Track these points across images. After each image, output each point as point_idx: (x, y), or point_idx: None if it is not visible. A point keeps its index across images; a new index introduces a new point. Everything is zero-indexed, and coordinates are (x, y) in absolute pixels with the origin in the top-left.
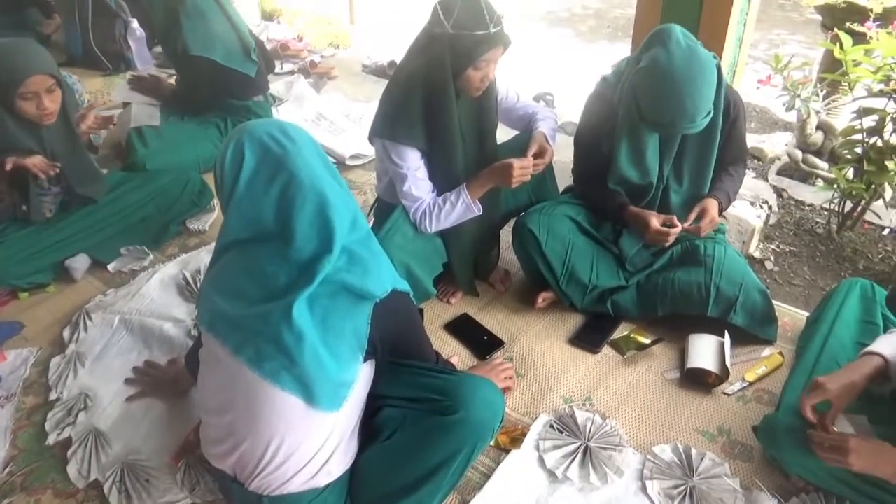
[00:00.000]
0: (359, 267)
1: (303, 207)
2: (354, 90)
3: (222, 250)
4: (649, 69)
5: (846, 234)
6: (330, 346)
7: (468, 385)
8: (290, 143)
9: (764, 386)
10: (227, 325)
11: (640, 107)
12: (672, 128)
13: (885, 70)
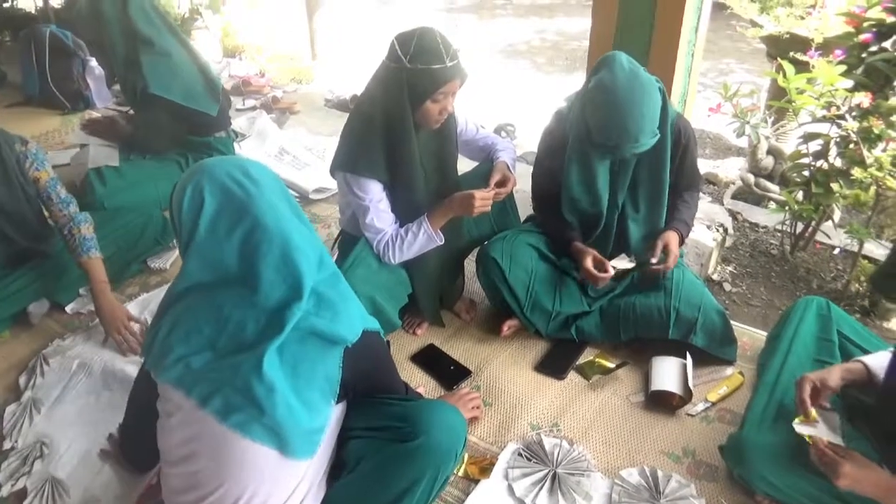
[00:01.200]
0: (328, 310)
1: (268, 253)
2: (317, 124)
3: (179, 295)
4: (595, 92)
5: (799, 255)
6: (301, 393)
7: (428, 410)
8: (252, 185)
9: (726, 406)
10: (191, 377)
11: (590, 130)
12: (618, 149)
13: (826, 97)
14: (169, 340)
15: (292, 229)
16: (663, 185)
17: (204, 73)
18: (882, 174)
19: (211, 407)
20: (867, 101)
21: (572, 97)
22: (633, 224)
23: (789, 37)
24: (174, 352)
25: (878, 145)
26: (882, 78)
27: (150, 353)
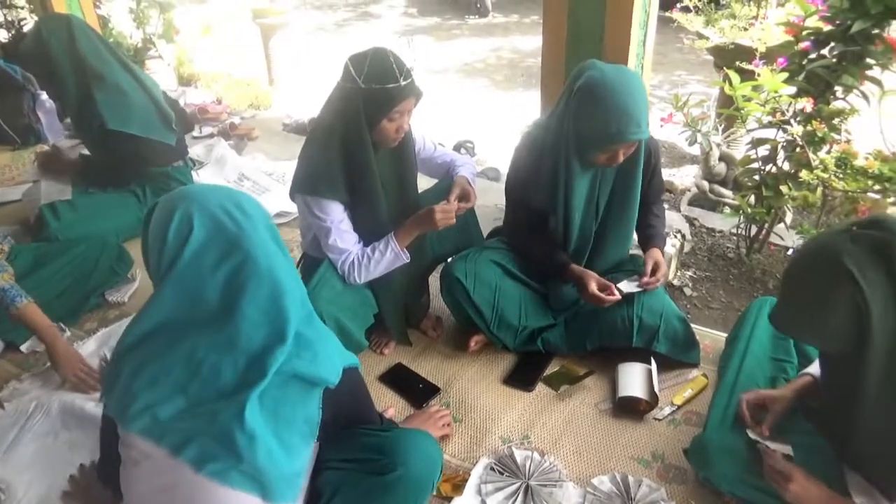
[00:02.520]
0: (308, 351)
1: (256, 293)
2: (276, 149)
3: (146, 335)
4: (587, 88)
5: (755, 257)
6: (282, 438)
7: (405, 441)
8: (245, 219)
9: (692, 408)
10: (159, 427)
11: (582, 132)
12: (620, 137)
13: (771, 103)
14: (133, 386)
15: (281, 269)
16: (635, 202)
17: (157, 104)
18: (827, 175)
19: (185, 456)
20: (809, 105)
21: (540, 121)
22: (606, 239)
23: (734, 47)
24: (139, 400)
25: (823, 148)
26: (822, 83)
27: (110, 397)
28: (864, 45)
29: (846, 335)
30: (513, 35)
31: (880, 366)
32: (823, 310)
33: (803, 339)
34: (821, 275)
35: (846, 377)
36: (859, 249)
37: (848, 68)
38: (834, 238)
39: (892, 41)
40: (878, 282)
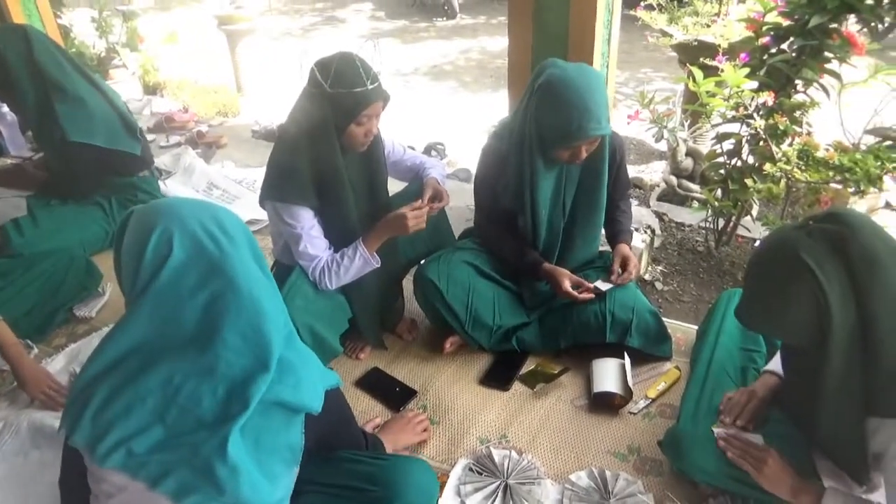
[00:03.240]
0: (290, 376)
1: (237, 320)
2: (245, 156)
3: (117, 360)
4: (547, 88)
5: (723, 249)
6: (264, 467)
7: (400, 472)
8: (227, 241)
9: (666, 400)
10: (135, 461)
11: (544, 129)
12: (581, 133)
13: (735, 98)
14: (106, 416)
15: (263, 293)
16: (602, 199)
17: (120, 113)
18: (790, 167)
19: (163, 488)
20: (771, 99)
21: (505, 120)
22: (574, 236)
23: (697, 44)
24: (113, 433)
25: (785, 140)
26: (783, 77)
27: (78, 426)
28: (822, 39)
29: (807, 328)
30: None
31: (841, 356)
32: (784, 304)
33: (766, 332)
34: (780, 270)
35: (809, 368)
36: (816, 243)
37: (807, 62)
38: (792, 233)
39: (848, 35)
40: (835, 274)
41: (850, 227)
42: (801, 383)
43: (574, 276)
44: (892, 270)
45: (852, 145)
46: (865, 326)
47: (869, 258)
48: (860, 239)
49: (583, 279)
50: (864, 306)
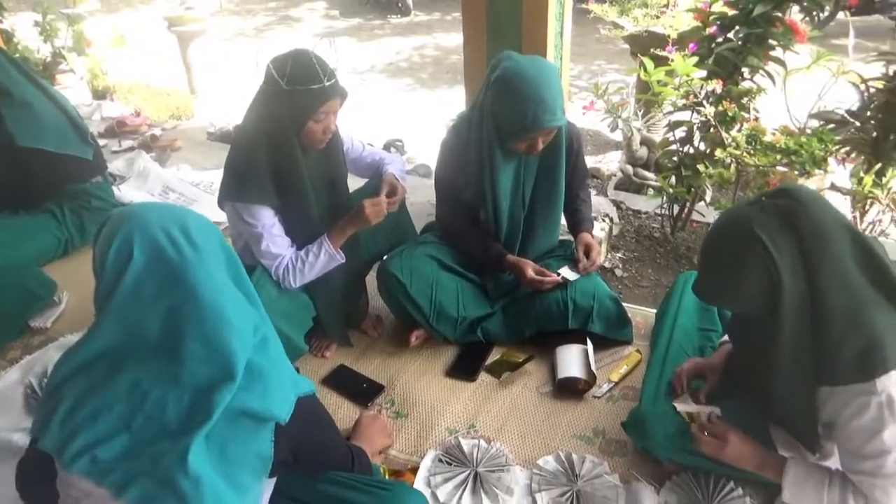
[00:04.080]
0: (259, 384)
1: (198, 329)
2: (202, 159)
3: (85, 364)
4: (502, 79)
5: (679, 235)
6: (231, 477)
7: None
8: (190, 248)
9: (628, 383)
10: (100, 468)
11: (501, 122)
12: (537, 125)
13: (685, 87)
14: (73, 421)
15: (228, 301)
16: (560, 188)
17: (70, 118)
18: (740, 152)
19: (128, 497)
20: (719, 87)
21: (463, 114)
22: (535, 226)
23: (648, 35)
24: (79, 438)
25: (734, 126)
26: (730, 65)
27: (47, 430)
28: (766, 27)
29: (760, 299)
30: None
31: (791, 326)
32: (737, 277)
33: (721, 305)
34: (734, 244)
35: (761, 341)
36: (768, 218)
37: (752, 50)
38: (745, 209)
39: (791, 23)
40: (786, 247)
41: (800, 202)
42: (754, 357)
43: (537, 266)
44: (840, 244)
45: (798, 129)
46: (813, 297)
47: (818, 232)
48: (810, 214)
49: (545, 269)
50: (812, 278)
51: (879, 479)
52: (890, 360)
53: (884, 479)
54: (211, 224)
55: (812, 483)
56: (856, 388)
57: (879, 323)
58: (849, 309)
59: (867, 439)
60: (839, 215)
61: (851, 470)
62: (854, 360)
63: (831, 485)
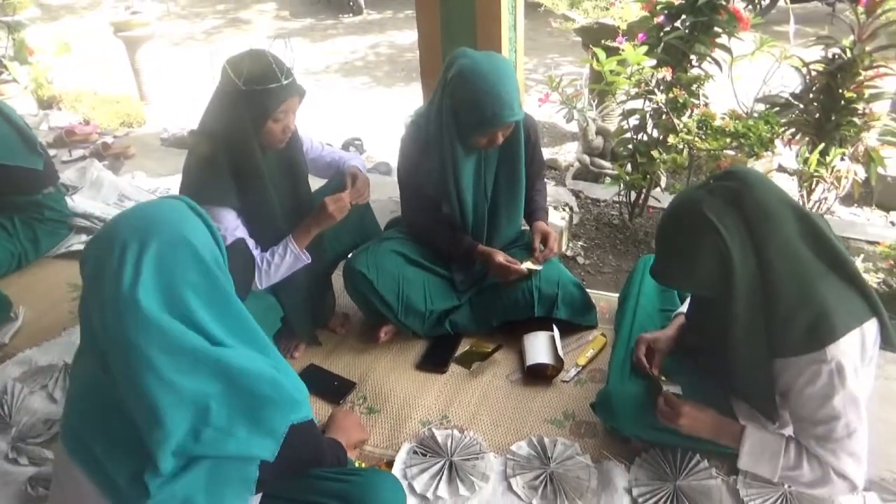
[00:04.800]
0: (241, 426)
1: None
2: (157, 165)
3: (80, 352)
4: (459, 77)
5: (637, 221)
6: (215, 499)
7: (372, 488)
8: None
9: (595, 366)
10: (94, 463)
11: (459, 117)
12: (496, 120)
13: (636, 76)
14: (69, 410)
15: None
16: (521, 179)
17: (18, 128)
18: (692, 137)
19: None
20: (669, 75)
21: (421, 109)
22: (499, 217)
23: (598, 26)
24: (74, 427)
25: (685, 113)
26: (679, 53)
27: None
28: (711, 15)
29: (713, 279)
30: (389, 31)
31: (744, 302)
32: (691, 259)
33: (677, 286)
34: (686, 226)
35: (717, 317)
36: (717, 200)
37: (699, 38)
38: (695, 193)
39: (734, 10)
40: (735, 227)
41: (745, 183)
42: (712, 334)
43: (506, 255)
44: (785, 221)
45: (745, 113)
46: (763, 274)
47: (763, 211)
48: (755, 194)
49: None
50: (761, 255)
51: (831, 444)
52: (838, 329)
53: (834, 444)
54: (184, 256)
55: (768, 450)
56: (808, 358)
57: (827, 295)
58: (798, 283)
59: (819, 405)
60: (784, 195)
61: (805, 435)
62: (805, 332)
63: (786, 451)
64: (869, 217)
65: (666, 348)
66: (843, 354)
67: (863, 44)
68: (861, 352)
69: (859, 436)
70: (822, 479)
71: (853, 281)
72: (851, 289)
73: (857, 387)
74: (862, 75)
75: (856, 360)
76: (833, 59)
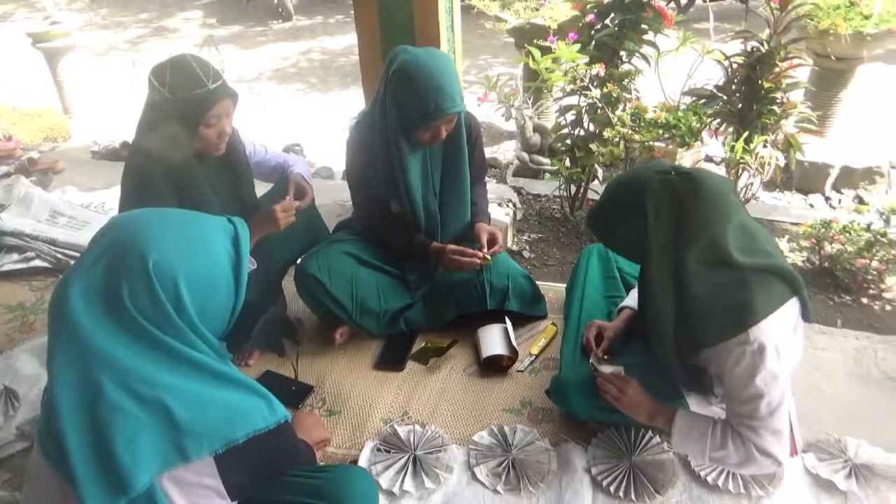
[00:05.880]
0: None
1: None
2: (88, 179)
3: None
4: (401, 72)
5: (578, 213)
6: None
7: (343, 483)
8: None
9: (548, 354)
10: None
11: (403, 113)
12: (438, 112)
13: (571, 73)
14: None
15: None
16: (465, 173)
17: None
18: (626, 130)
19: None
20: (602, 71)
21: (365, 111)
22: (448, 213)
23: (530, 27)
24: (47, 422)
25: (619, 107)
26: (609, 50)
27: None
28: (638, 13)
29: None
30: (320, 36)
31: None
32: (614, 223)
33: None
34: (624, 197)
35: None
36: (664, 191)
37: (628, 35)
38: (651, 174)
39: (659, 8)
40: (664, 221)
41: (696, 190)
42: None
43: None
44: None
45: (674, 106)
46: (676, 268)
47: (698, 220)
48: (700, 203)
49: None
50: (679, 252)
51: (755, 422)
52: (759, 312)
53: (758, 422)
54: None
55: (696, 431)
56: (734, 341)
57: (749, 284)
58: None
59: (744, 385)
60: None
61: (733, 415)
62: (727, 317)
63: (713, 431)
64: (790, 201)
65: (614, 335)
66: (764, 335)
67: (778, 37)
68: (783, 331)
69: (781, 414)
70: (746, 458)
71: (773, 269)
72: (772, 276)
73: (779, 367)
74: (779, 66)
75: (777, 340)
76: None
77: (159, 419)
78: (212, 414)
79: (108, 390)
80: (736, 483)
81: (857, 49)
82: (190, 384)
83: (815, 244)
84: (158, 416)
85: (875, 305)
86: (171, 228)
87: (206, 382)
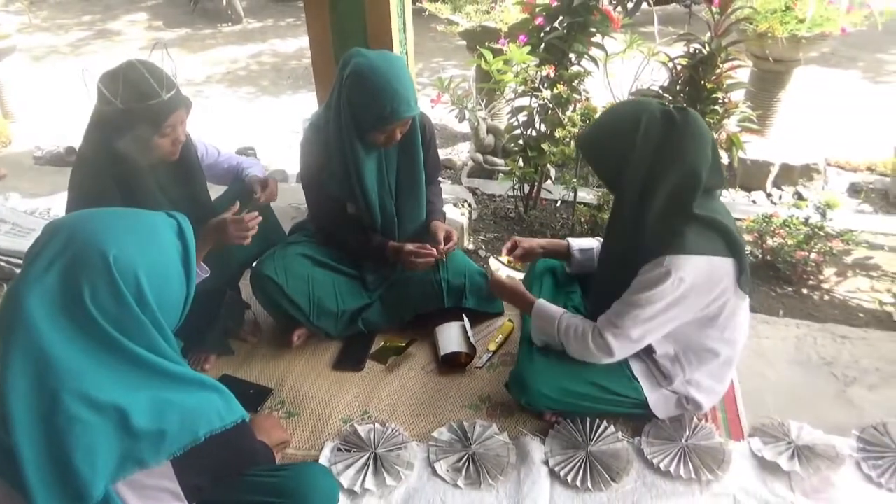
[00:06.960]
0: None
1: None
2: (32, 186)
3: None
4: (355, 76)
5: (532, 212)
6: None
7: (303, 480)
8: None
9: (505, 350)
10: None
11: (357, 115)
12: (394, 116)
13: (522, 74)
14: None
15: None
16: (420, 173)
17: None
18: (577, 129)
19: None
20: (552, 72)
21: (318, 113)
22: (405, 213)
23: (482, 29)
24: None
25: (569, 107)
26: (559, 52)
27: None
28: (586, 16)
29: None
30: (271, 39)
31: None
32: (606, 136)
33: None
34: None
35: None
36: (659, 117)
37: (577, 37)
38: (653, 103)
39: (606, 12)
40: (651, 142)
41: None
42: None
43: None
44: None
45: None
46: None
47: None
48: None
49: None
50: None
51: (613, 319)
52: (686, 248)
53: (613, 327)
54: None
55: (547, 318)
56: (655, 261)
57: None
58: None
59: (634, 290)
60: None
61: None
62: (662, 242)
63: (559, 324)
64: (734, 197)
65: (529, 245)
66: (677, 269)
67: (719, 39)
68: (699, 278)
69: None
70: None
71: (721, 229)
72: (718, 233)
73: (671, 297)
74: (720, 68)
75: (689, 279)
76: (694, 55)
77: (116, 426)
78: (169, 418)
79: (65, 399)
80: (687, 469)
81: (793, 51)
82: (147, 389)
83: (757, 238)
84: (115, 423)
85: (814, 296)
86: (125, 224)
87: (164, 386)
